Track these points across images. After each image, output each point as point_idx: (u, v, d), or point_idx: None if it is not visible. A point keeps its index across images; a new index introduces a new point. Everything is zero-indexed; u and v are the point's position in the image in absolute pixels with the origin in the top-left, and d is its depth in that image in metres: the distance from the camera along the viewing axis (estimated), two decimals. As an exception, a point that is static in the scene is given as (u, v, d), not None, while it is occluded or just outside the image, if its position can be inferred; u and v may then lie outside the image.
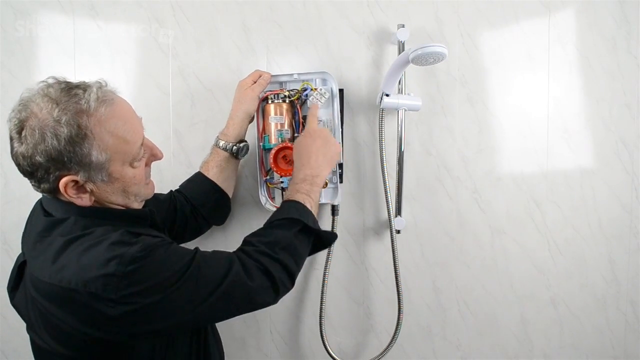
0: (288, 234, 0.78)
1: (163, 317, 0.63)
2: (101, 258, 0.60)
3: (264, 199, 1.05)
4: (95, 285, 0.59)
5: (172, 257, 0.65)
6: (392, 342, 1.10)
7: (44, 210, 0.70)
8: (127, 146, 0.66)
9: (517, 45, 1.12)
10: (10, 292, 0.74)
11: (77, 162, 0.62)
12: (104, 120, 0.63)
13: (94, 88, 0.64)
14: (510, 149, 1.14)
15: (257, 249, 0.74)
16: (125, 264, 0.59)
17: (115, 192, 0.68)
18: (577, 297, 1.18)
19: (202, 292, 0.64)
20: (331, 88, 1.01)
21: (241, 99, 0.98)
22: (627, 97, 1.13)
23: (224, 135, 0.98)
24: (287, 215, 0.80)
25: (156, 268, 0.62)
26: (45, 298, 0.63)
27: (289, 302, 1.16)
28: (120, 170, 0.67)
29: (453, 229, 1.15)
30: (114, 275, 0.58)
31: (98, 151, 0.63)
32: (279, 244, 0.75)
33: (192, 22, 1.11)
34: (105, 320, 0.60)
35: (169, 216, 0.95)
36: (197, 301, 0.64)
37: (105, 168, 0.65)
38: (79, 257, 0.61)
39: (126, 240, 0.62)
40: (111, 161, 0.65)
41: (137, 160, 0.69)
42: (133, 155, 0.68)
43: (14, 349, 1.14)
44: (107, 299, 0.58)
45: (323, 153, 0.89)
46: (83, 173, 0.63)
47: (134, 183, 0.69)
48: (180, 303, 0.63)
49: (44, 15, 1.10)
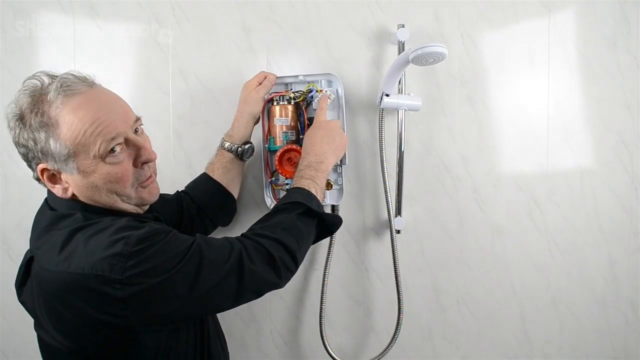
0: (290, 216, 0.78)
1: (168, 300, 0.63)
2: (108, 240, 0.61)
3: (270, 201, 1.05)
4: (102, 266, 0.59)
5: (177, 240, 0.66)
6: (392, 342, 1.10)
7: (49, 206, 0.71)
8: (88, 139, 0.64)
9: (517, 45, 1.12)
10: (18, 288, 0.74)
11: (41, 150, 0.64)
12: (62, 111, 0.63)
13: (58, 78, 0.65)
14: (511, 149, 1.14)
15: (257, 232, 0.74)
16: (131, 244, 0.60)
17: (92, 188, 0.67)
18: (577, 297, 1.18)
19: (204, 275, 0.65)
20: (336, 90, 1.01)
21: (246, 100, 0.98)
22: (627, 97, 1.13)
23: (229, 137, 0.99)
24: (290, 200, 0.81)
25: (162, 248, 0.63)
26: (54, 287, 0.63)
27: (289, 302, 1.16)
28: (90, 164, 0.65)
29: (453, 229, 1.15)
30: (120, 255, 0.59)
31: (56, 140, 0.63)
32: (280, 225, 0.76)
33: (192, 22, 1.11)
34: (113, 302, 0.60)
35: (175, 217, 0.95)
36: (199, 283, 0.64)
37: (72, 160, 0.64)
38: (86, 243, 0.62)
39: (133, 225, 0.64)
40: (75, 153, 0.64)
41: (111, 157, 0.66)
42: (99, 150, 0.64)
43: (14, 349, 1.14)
44: (114, 280, 0.59)
45: (327, 141, 0.90)
46: (51, 163, 0.65)
47: (111, 181, 0.67)
48: (184, 285, 0.63)
49: (44, 15, 1.10)
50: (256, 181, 1.11)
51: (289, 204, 0.80)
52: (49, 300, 0.65)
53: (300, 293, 1.16)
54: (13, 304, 0.75)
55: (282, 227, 0.76)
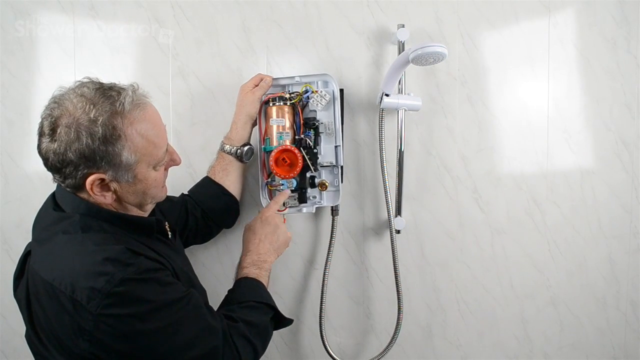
0: (265, 319, 0.80)
1: (130, 349, 0.63)
2: (94, 269, 0.61)
3: (265, 202, 1.05)
4: (81, 294, 0.60)
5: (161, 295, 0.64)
6: (392, 342, 1.10)
7: (54, 203, 0.71)
8: (154, 149, 0.69)
9: (517, 45, 1.12)
10: (15, 279, 0.75)
11: (108, 161, 0.65)
12: (136, 123, 0.66)
13: (129, 91, 0.67)
14: (510, 149, 1.14)
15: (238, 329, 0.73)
16: (113, 284, 0.60)
17: (136, 193, 0.71)
18: (577, 297, 1.18)
19: (174, 346, 0.65)
20: (332, 91, 1.01)
21: (243, 102, 0.99)
22: (627, 97, 1.13)
23: (228, 139, 1.00)
24: (264, 300, 0.82)
25: (142, 298, 0.62)
26: (40, 291, 0.65)
27: (289, 302, 1.16)
28: (145, 172, 0.69)
29: (453, 229, 1.15)
30: (100, 291, 0.59)
31: (129, 152, 0.65)
32: (256, 327, 0.77)
33: (192, 22, 1.11)
34: (81, 330, 0.60)
35: (181, 219, 0.96)
36: (165, 350, 0.64)
37: (133, 169, 0.67)
38: (74, 261, 0.63)
39: (122, 259, 0.63)
40: (139, 163, 0.67)
41: (160, 165, 0.72)
42: (158, 159, 0.71)
43: (14, 349, 1.14)
44: (89, 312, 0.59)
45: (270, 240, 0.91)
46: (111, 172, 0.66)
47: (154, 186, 0.73)
48: (149, 346, 0.63)
49: (44, 15, 1.10)
50: (256, 181, 1.11)
51: (264, 305, 0.81)
52: (33, 300, 0.67)
53: (300, 293, 1.16)
54: (13, 304, 0.75)
55: (257, 330, 0.77)
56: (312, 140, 1.01)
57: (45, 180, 0.70)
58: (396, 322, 1.09)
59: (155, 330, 0.63)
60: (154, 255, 0.70)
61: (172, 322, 0.64)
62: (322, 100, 1.00)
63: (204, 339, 0.67)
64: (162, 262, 0.71)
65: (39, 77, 1.10)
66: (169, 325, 0.64)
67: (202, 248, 1.11)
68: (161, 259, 0.72)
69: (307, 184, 1.02)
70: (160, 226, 0.78)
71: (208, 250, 1.13)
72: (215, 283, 1.12)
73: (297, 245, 1.14)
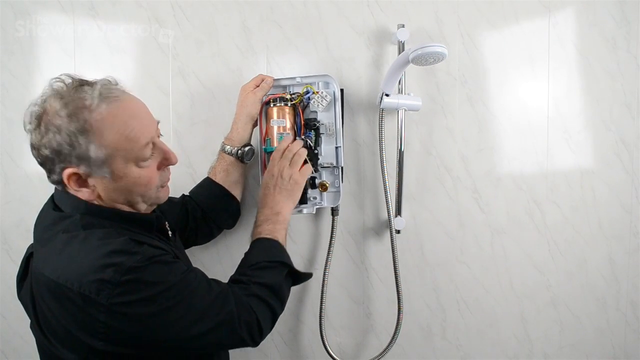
0: (279, 278, 0.79)
1: (147, 333, 0.63)
2: (99, 263, 0.61)
3: None
4: (90, 288, 0.60)
5: (169, 274, 0.65)
6: (392, 342, 1.10)
7: (54, 204, 0.71)
8: (130, 144, 0.66)
9: (517, 45, 1.12)
10: (19, 282, 0.75)
11: (77, 155, 0.64)
12: (105, 117, 0.64)
13: (99, 85, 0.66)
14: (510, 149, 1.14)
15: (250, 290, 0.73)
16: (121, 273, 0.60)
17: (119, 190, 0.69)
18: (577, 297, 1.18)
19: (186, 322, 0.65)
20: (333, 92, 1.01)
21: (243, 102, 0.98)
22: (627, 97, 1.13)
23: (229, 140, 0.99)
24: (276, 258, 0.81)
25: (151, 282, 0.62)
26: (45, 291, 0.64)
27: (289, 302, 1.15)
28: (123, 168, 0.67)
29: (453, 229, 1.15)
30: (109, 282, 0.59)
31: (96, 146, 0.64)
32: (270, 287, 0.76)
33: (192, 22, 1.11)
34: (96, 323, 0.60)
35: (181, 219, 0.96)
36: (181, 326, 0.64)
37: (107, 164, 0.65)
38: (78, 257, 0.62)
39: (127, 249, 0.63)
40: (113, 158, 0.65)
41: (144, 161, 0.69)
42: (137, 155, 0.67)
43: (14, 349, 1.14)
44: (100, 304, 0.59)
45: (279, 187, 0.89)
46: (84, 167, 0.65)
47: (140, 184, 0.69)
48: (166, 323, 0.63)
49: (44, 15, 1.10)
50: (256, 182, 1.11)
51: (277, 262, 0.80)
52: (39, 301, 0.66)
53: (300, 293, 1.16)
54: (13, 304, 0.75)
55: (273, 290, 0.76)
56: (313, 141, 1.01)
57: (45, 180, 0.69)
58: (396, 322, 1.09)
59: (168, 308, 0.63)
60: (156, 243, 0.70)
61: (183, 297, 0.65)
62: (323, 101, 1.00)
63: (217, 307, 0.67)
64: (164, 248, 0.70)
65: (39, 77, 1.10)
66: (181, 301, 0.64)
67: (202, 248, 1.11)
68: (163, 246, 0.71)
69: (308, 184, 1.02)
70: (160, 223, 0.77)
71: (208, 251, 1.13)
72: (215, 283, 1.12)
73: (297, 245, 1.14)
